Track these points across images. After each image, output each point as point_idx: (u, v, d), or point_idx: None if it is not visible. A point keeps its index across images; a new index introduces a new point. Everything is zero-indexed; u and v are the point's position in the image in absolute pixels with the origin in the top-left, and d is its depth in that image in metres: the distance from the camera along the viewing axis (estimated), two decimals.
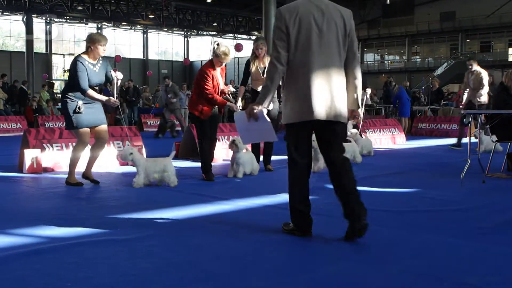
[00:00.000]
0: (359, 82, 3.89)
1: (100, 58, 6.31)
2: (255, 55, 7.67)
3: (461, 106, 11.39)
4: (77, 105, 6.09)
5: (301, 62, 3.72)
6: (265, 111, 3.94)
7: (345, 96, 3.84)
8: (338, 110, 3.76)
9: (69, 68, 6.54)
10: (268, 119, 4.01)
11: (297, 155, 3.86)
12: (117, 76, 6.39)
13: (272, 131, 4.02)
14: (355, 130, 9.87)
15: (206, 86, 6.73)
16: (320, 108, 3.70)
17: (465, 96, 11.10)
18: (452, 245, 3.76)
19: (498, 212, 4.92)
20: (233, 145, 7.04)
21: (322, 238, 3.94)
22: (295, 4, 3.79)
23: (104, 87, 21.44)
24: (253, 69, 7.64)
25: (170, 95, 15.08)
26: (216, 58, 6.83)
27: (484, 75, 10.67)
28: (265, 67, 7.53)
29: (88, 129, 6.26)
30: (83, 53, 6.23)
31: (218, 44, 6.91)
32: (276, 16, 3.78)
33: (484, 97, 10.67)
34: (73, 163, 6.36)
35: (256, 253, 3.58)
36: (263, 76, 7.53)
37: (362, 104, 7.80)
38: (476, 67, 10.77)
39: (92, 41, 6.15)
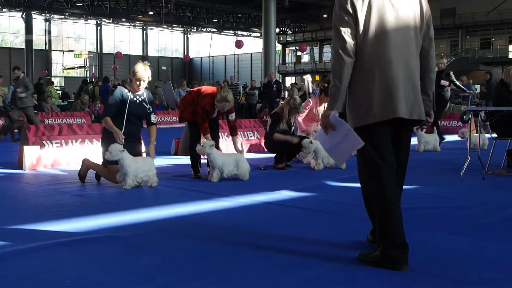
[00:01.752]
0: (434, 76, 3.30)
1: (144, 92, 6.36)
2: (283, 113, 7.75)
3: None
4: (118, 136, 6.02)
5: (375, 50, 3.06)
6: (337, 115, 3.16)
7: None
8: (421, 106, 3.18)
9: None
10: (345, 123, 3.22)
11: (379, 160, 3.12)
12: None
13: (353, 133, 3.14)
14: None
15: (200, 118, 6.68)
16: (403, 104, 3.07)
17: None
18: (452, 241, 3.76)
19: (498, 209, 4.91)
20: (200, 149, 6.46)
21: (321, 235, 3.93)
22: None
23: (104, 83, 21.42)
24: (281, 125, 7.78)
25: (20, 89, 12.49)
26: (218, 103, 6.66)
27: None
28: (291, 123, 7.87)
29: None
30: (128, 83, 6.34)
31: (221, 87, 6.76)
32: None
33: None
34: (92, 167, 6.42)
35: (254, 249, 3.58)
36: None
37: None
38: None
39: (133, 74, 6.21)
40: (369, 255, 3.21)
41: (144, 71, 6.18)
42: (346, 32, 3.04)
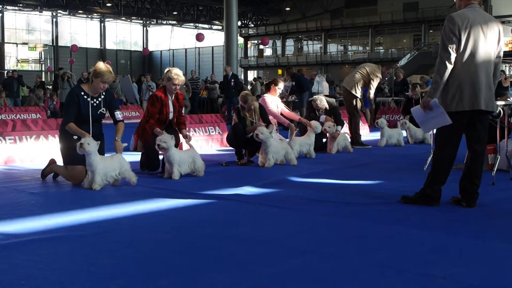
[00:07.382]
0: (497, 82, 4.73)
1: (103, 93, 5.96)
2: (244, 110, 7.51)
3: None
4: (73, 138, 5.65)
5: (467, 63, 4.46)
6: (437, 101, 4.55)
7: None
8: (494, 102, 4.63)
9: None
10: (441, 107, 4.55)
11: (446, 142, 4.63)
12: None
13: (446, 115, 4.48)
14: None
15: (150, 109, 6.49)
16: (483, 100, 4.47)
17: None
18: (416, 236, 3.77)
19: None
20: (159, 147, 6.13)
21: (285, 232, 3.90)
22: (464, 12, 4.52)
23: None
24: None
25: None
26: (169, 82, 6.43)
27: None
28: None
29: (83, 167, 5.68)
30: (84, 83, 5.98)
31: (169, 70, 6.56)
32: (449, 21, 4.48)
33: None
34: (55, 170, 6.14)
35: (219, 247, 3.51)
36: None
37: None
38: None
39: (94, 74, 5.79)
40: (410, 197, 4.78)
41: (110, 74, 5.80)
42: (452, 48, 4.44)
